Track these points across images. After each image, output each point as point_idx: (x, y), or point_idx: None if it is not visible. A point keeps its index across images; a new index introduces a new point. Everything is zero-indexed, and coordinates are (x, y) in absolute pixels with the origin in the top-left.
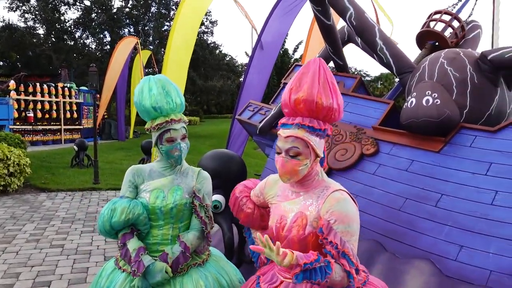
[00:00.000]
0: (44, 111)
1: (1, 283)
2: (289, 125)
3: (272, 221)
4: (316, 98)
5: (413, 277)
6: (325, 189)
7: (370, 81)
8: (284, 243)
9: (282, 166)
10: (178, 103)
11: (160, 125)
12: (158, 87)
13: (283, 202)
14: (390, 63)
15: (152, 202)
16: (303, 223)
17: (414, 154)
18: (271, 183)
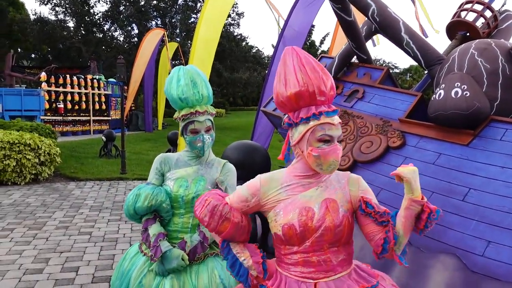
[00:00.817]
0: (74, 102)
1: (32, 267)
2: (332, 112)
3: (289, 217)
4: (323, 84)
5: (437, 272)
6: (337, 174)
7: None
8: (316, 236)
9: (333, 152)
10: (205, 95)
11: (185, 116)
12: (186, 78)
13: (300, 194)
14: (417, 56)
15: (175, 190)
16: (336, 208)
17: (441, 147)
18: (267, 182)
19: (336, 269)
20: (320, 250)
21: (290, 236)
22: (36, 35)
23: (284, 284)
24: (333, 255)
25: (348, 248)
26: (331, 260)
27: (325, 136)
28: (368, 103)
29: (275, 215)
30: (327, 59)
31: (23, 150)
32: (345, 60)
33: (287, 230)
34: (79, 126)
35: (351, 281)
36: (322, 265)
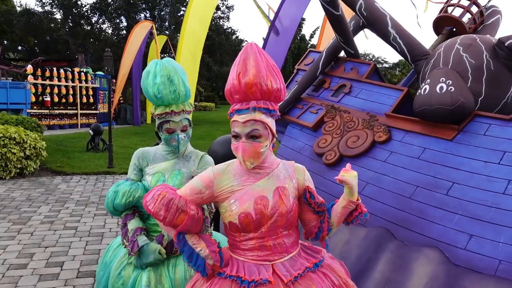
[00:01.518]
0: (61, 95)
1: (16, 262)
2: (244, 110)
3: (245, 206)
4: (266, 81)
5: (421, 265)
6: (284, 164)
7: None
8: (271, 222)
9: (244, 151)
10: (182, 93)
11: (161, 115)
12: (163, 75)
13: (253, 184)
14: (404, 51)
15: (153, 185)
16: (287, 195)
17: (426, 142)
18: (220, 174)
19: (289, 250)
20: (274, 235)
21: (247, 224)
22: (22, 27)
23: (243, 268)
24: (286, 238)
25: (296, 230)
26: (284, 243)
27: (233, 133)
28: (355, 97)
29: (229, 205)
30: (314, 54)
31: (8, 144)
32: (332, 55)
33: (244, 218)
34: (66, 120)
35: (301, 259)
36: (277, 248)
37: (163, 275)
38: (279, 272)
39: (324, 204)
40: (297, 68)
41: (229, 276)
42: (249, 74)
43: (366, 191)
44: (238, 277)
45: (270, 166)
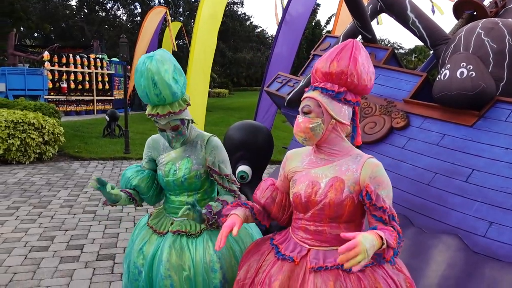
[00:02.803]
0: (77, 82)
1: (38, 244)
2: (308, 90)
3: (299, 188)
4: (330, 63)
5: (439, 252)
6: (358, 156)
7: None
8: (317, 209)
9: (296, 125)
10: (168, 95)
11: (149, 115)
12: (147, 77)
13: (313, 169)
14: (423, 36)
15: (166, 176)
16: (340, 187)
17: (446, 128)
18: (291, 157)
19: (332, 242)
20: (319, 222)
21: (297, 204)
22: (38, 14)
23: (286, 242)
24: (330, 229)
25: (352, 226)
26: (326, 232)
27: None
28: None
29: (292, 183)
30: (331, 39)
31: (27, 130)
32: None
33: (295, 198)
34: (83, 106)
35: None
36: (318, 235)
37: (185, 254)
38: (309, 257)
39: (385, 210)
40: (313, 54)
41: (273, 244)
42: (321, 60)
43: None
44: (277, 247)
45: (337, 154)
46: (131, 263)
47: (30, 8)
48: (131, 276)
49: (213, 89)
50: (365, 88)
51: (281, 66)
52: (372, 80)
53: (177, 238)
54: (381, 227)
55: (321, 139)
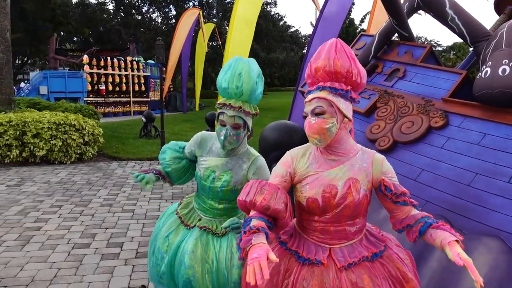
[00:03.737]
0: (115, 84)
1: (80, 242)
2: (312, 91)
3: (314, 192)
4: (333, 62)
5: (480, 254)
6: (364, 152)
7: (442, 52)
8: (337, 211)
9: (309, 127)
10: (246, 92)
11: (220, 104)
12: (234, 69)
13: (326, 171)
14: (463, 32)
15: (204, 179)
16: (358, 188)
17: (487, 127)
18: (298, 156)
19: (349, 237)
20: (337, 222)
21: (313, 208)
22: (78, 19)
23: (303, 245)
24: (349, 226)
25: (363, 219)
26: (346, 230)
27: (303, 113)
28: (409, 82)
29: (301, 187)
30: (366, 37)
31: (68, 131)
32: (385, 38)
33: (311, 203)
34: (120, 107)
35: (361, 247)
36: (338, 234)
37: (210, 249)
38: (334, 256)
39: (405, 194)
40: None
41: (289, 249)
42: (319, 59)
43: (421, 178)
44: (296, 252)
45: (346, 153)
46: (156, 248)
47: (70, 13)
48: (154, 261)
49: None
50: (362, 85)
51: None
52: (365, 78)
53: (203, 233)
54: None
55: (333, 139)
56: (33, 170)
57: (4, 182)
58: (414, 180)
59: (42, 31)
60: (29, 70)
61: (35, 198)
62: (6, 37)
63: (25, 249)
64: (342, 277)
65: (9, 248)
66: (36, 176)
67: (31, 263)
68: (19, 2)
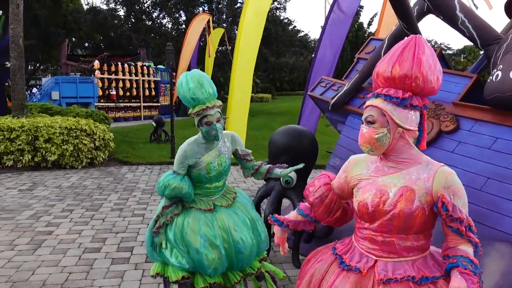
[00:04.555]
0: (125, 89)
1: (90, 246)
2: (370, 98)
3: (365, 196)
4: (392, 67)
5: (493, 260)
6: (429, 164)
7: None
8: (385, 219)
9: (360, 135)
10: (211, 93)
11: (199, 111)
12: (194, 81)
13: (381, 177)
14: (473, 36)
15: (208, 173)
16: (411, 198)
17: (498, 131)
18: (355, 162)
19: (400, 253)
20: (387, 232)
21: (363, 213)
22: (89, 25)
23: (351, 253)
24: (399, 240)
25: (421, 237)
26: (395, 244)
27: None
28: None
29: (356, 191)
30: (376, 41)
31: (79, 135)
32: (395, 42)
33: (361, 207)
34: (130, 112)
35: (412, 268)
36: (386, 246)
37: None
38: (377, 269)
39: (462, 221)
40: (358, 57)
41: (336, 254)
42: (382, 62)
43: None
44: (341, 257)
45: (406, 162)
46: (202, 236)
47: (81, 19)
48: (205, 249)
49: (256, 94)
50: (432, 90)
51: (325, 69)
52: (440, 79)
53: (225, 209)
54: (461, 271)
55: (388, 148)
56: (44, 175)
57: (17, 187)
58: None
59: (54, 37)
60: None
61: (46, 202)
62: (19, 43)
63: (37, 253)
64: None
65: (21, 252)
66: (48, 181)
67: (43, 267)
68: (31, 9)
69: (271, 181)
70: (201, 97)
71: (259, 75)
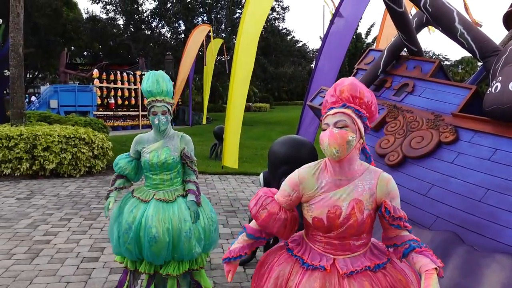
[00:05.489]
0: (124, 98)
1: (89, 255)
2: (334, 107)
3: (319, 212)
4: (359, 89)
5: (493, 272)
6: (369, 172)
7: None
8: (341, 231)
9: (331, 136)
10: (164, 90)
11: (149, 102)
12: (153, 78)
13: (331, 192)
14: (472, 47)
15: (151, 159)
16: (361, 208)
17: (498, 142)
18: (306, 178)
19: (354, 250)
20: (342, 238)
21: (318, 226)
22: (88, 33)
23: (308, 254)
24: (354, 241)
25: (368, 235)
26: (350, 244)
27: (323, 126)
28: (418, 97)
29: (308, 206)
30: (375, 52)
31: (78, 144)
32: (394, 53)
33: (317, 222)
34: (129, 121)
35: (365, 258)
36: (342, 246)
37: (166, 212)
38: (338, 265)
39: (401, 218)
40: (357, 68)
41: (295, 255)
42: (344, 84)
43: (431, 193)
44: (301, 258)
45: (352, 174)
46: (123, 221)
47: (80, 28)
48: (122, 231)
49: (254, 104)
50: (375, 119)
51: (324, 80)
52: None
53: (159, 203)
54: (419, 251)
55: (347, 156)
56: (42, 183)
57: (14, 195)
58: (424, 195)
59: (53, 45)
60: (40, 84)
61: (44, 211)
62: (19, 52)
63: (34, 263)
64: (344, 283)
65: (19, 261)
66: (46, 189)
67: (40, 276)
68: (31, 17)
69: None
70: (155, 91)
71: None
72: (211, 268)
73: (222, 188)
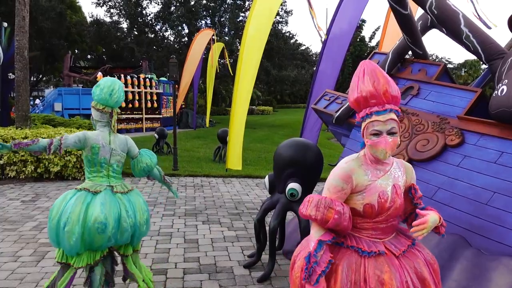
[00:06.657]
0: (127, 101)
1: None
2: (383, 111)
3: (371, 199)
4: (392, 83)
5: (500, 275)
6: (396, 162)
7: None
8: (389, 213)
9: (386, 144)
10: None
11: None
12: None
13: (377, 181)
14: (478, 50)
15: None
16: (400, 192)
17: (504, 145)
18: (356, 169)
19: (393, 231)
20: (386, 222)
21: (370, 213)
22: (92, 37)
23: (360, 242)
24: (395, 222)
25: (399, 218)
26: (392, 227)
27: (373, 131)
28: (423, 100)
29: (359, 195)
30: (380, 55)
31: None
32: (399, 56)
33: (368, 208)
34: (132, 124)
35: (402, 238)
36: (386, 230)
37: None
38: (389, 247)
39: (421, 197)
40: None
41: (350, 246)
42: (380, 81)
43: (437, 196)
44: (358, 248)
45: (388, 164)
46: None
47: (84, 32)
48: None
49: (258, 107)
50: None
51: (326, 83)
52: None
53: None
54: (430, 209)
55: None
56: (47, 186)
57: (19, 198)
58: (430, 198)
59: (57, 49)
60: (44, 87)
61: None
62: (24, 55)
63: (40, 265)
64: (403, 263)
65: (25, 263)
66: (50, 192)
67: (46, 279)
68: (36, 21)
69: (275, 194)
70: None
71: (261, 87)
72: (216, 271)
73: (227, 191)
